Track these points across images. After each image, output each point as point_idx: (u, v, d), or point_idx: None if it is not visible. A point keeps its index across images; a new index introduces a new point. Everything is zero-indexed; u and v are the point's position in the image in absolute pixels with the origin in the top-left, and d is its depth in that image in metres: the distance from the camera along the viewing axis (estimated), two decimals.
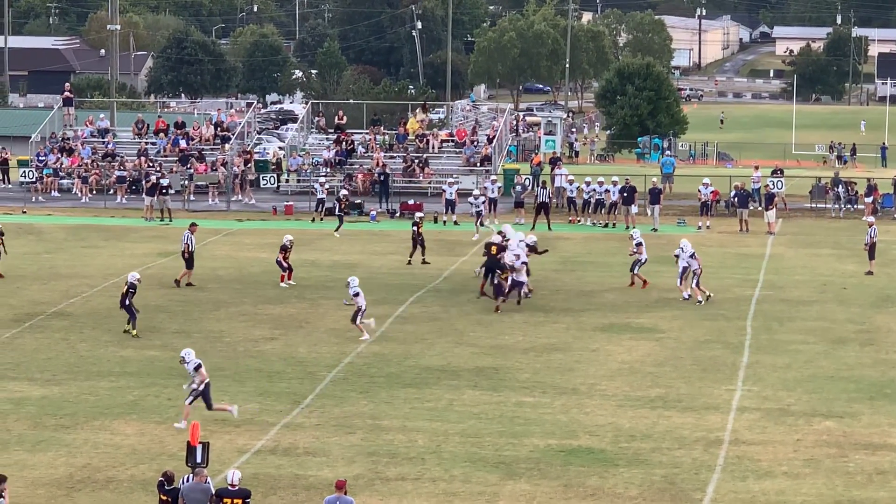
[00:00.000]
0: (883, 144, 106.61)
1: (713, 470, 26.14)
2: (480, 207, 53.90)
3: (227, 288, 43.37)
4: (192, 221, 46.31)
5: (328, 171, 64.79)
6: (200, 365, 28.68)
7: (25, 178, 65.96)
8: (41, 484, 25.22)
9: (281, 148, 76.11)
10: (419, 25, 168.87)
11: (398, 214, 59.75)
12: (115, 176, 64.32)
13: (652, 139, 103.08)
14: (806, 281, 44.97)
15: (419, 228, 47.35)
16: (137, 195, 61.85)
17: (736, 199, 56.82)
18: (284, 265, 43.52)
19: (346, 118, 70.13)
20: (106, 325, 37.22)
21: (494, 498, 24.70)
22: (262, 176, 66.61)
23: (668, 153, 79.44)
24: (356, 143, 67.44)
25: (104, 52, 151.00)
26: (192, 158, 65.37)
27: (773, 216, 55.22)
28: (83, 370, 33.27)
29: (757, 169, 64.04)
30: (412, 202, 60.22)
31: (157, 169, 62.75)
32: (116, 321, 37.07)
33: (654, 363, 34.11)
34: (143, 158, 65.78)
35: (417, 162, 65.21)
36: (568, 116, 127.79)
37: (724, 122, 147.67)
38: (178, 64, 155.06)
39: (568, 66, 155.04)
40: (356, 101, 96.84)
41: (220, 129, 68.76)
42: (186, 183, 62.89)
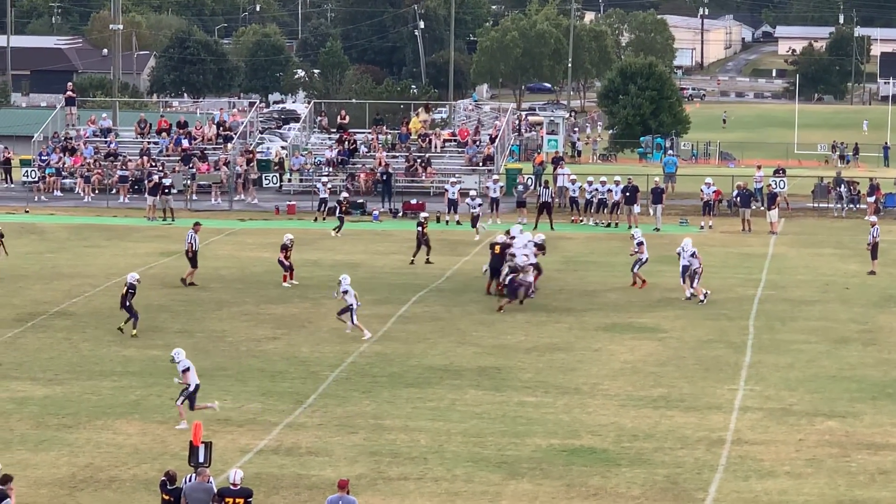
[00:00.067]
0: (885, 144, 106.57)
1: (716, 470, 26.14)
2: (477, 209, 53.87)
3: (229, 287, 43.38)
4: (196, 221, 46.35)
5: (330, 170, 64.79)
6: (189, 368, 28.67)
7: (28, 177, 66.02)
8: (44, 483, 25.24)
9: (283, 147, 76.04)
10: (422, 25, 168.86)
11: (400, 214, 59.75)
12: (117, 175, 64.34)
13: (654, 139, 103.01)
14: (808, 281, 44.96)
15: (424, 228, 47.31)
16: (140, 195, 61.86)
17: (738, 198, 56.78)
18: (286, 264, 43.54)
19: (348, 118, 70.11)
20: (108, 324, 37.23)
21: (497, 497, 24.70)
22: (264, 175, 66.61)
23: (670, 153, 79.38)
24: (358, 142, 67.42)
25: (107, 51, 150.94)
26: (194, 158, 65.38)
27: (775, 216, 55.20)
28: (86, 370, 33.29)
29: (759, 168, 64.01)
30: (415, 202, 60.22)
31: (159, 168, 62.76)
32: (119, 321, 37.06)
33: (656, 363, 34.11)
34: (145, 158, 65.80)
35: (420, 161, 65.20)
36: (570, 116, 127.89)
37: (726, 121, 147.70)
38: (180, 63, 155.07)
39: (570, 65, 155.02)
40: (359, 100, 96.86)
41: (222, 128, 68.78)
42: (189, 182, 62.90)
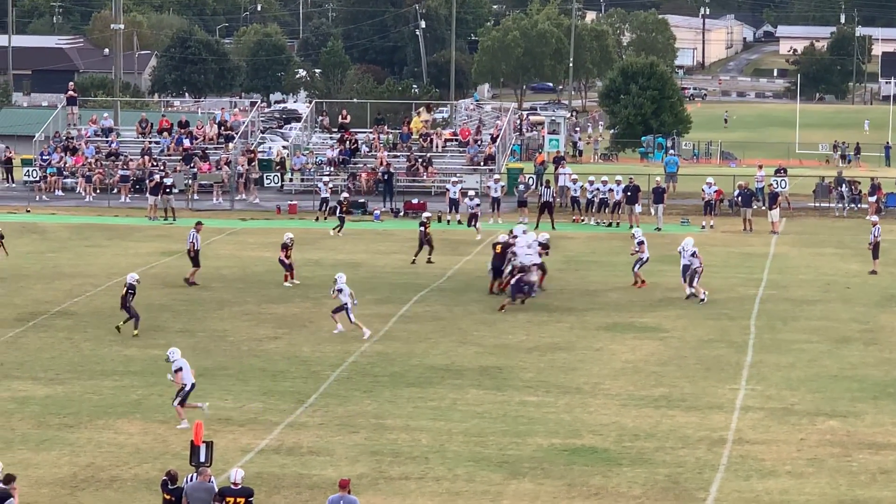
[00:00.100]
0: (887, 144, 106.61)
1: (717, 469, 26.13)
2: (475, 209, 53.86)
3: (230, 287, 43.39)
4: (197, 220, 46.37)
5: (332, 170, 64.80)
6: (182, 368, 28.69)
7: (29, 177, 66.06)
8: (45, 483, 25.25)
9: (285, 147, 76.09)
10: (423, 24, 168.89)
11: (402, 214, 59.77)
12: (118, 175, 64.35)
13: (655, 138, 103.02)
14: (809, 280, 44.95)
15: (426, 228, 47.27)
16: (141, 194, 61.88)
17: (739, 198, 56.76)
18: (286, 263, 43.56)
19: (349, 117, 70.12)
20: (110, 324, 37.23)
21: (498, 497, 24.70)
22: (265, 175, 66.60)
23: (671, 152, 79.41)
24: (360, 142, 67.44)
25: (108, 51, 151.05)
26: (195, 157, 65.38)
27: (776, 215, 55.20)
28: (87, 369, 33.29)
29: (760, 168, 64.01)
30: (416, 201, 60.24)
31: (160, 168, 62.75)
32: (119, 321, 37.04)
33: (657, 362, 34.10)
34: (146, 157, 65.81)
35: (421, 161, 65.21)
36: (571, 115, 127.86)
37: (728, 121, 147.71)
38: (181, 63, 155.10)
39: (571, 65, 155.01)
40: (360, 100, 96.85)
41: (223, 128, 68.78)
42: (190, 182, 62.91)
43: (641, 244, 43.05)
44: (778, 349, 35.41)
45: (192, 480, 22.17)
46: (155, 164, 64.57)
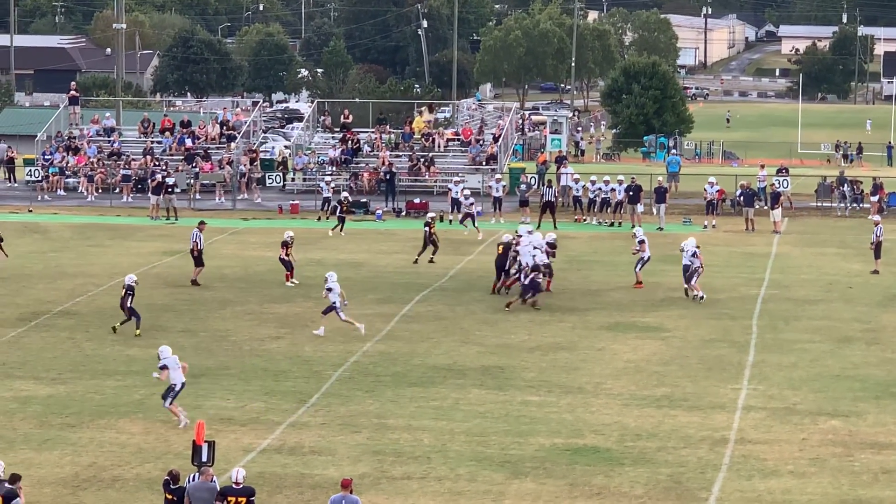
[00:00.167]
0: (889, 143, 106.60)
1: (719, 469, 26.13)
2: (471, 209, 53.83)
3: (232, 287, 43.39)
4: (200, 220, 46.38)
5: (334, 169, 64.80)
6: (167, 366, 28.68)
7: (31, 176, 66.07)
8: (47, 483, 25.25)
9: (287, 147, 76.11)
10: (425, 24, 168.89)
11: (404, 213, 59.79)
12: (120, 175, 64.38)
13: (658, 138, 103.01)
14: (812, 280, 44.94)
15: (431, 228, 47.22)
16: (143, 194, 61.94)
17: (742, 197, 56.77)
18: (286, 261, 43.54)
19: (351, 117, 70.11)
20: (111, 323, 37.20)
21: (500, 497, 24.70)
22: (267, 175, 66.60)
23: (673, 152, 79.36)
24: (362, 141, 67.44)
25: (110, 50, 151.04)
26: (197, 157, 65.40)
27: (778, 215, 55.20)
28: (89, 369, 33.30)
29: (762, 168, 64.00)
30: (418, 201, 60.26)
31: (162, 168, 62.74)
32: (121, 321, 37.05)
33: (659, 362, 34.10)
34: (148, 157, 65.83)
35: (423, 161, 65.20)
36: (573, 115, 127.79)
37: (730, 120, 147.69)
38: (183, 63, 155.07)
39: (573, 64, 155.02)
40: (362, 99, 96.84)
41: (225, 127, 68.80)
42: (192, 182, 62.94)
43: (642, 243, 43.04)
44: (780, 349, 35.40)
45: (194, 480, 22.17)
46: (157, 163, 64.57)
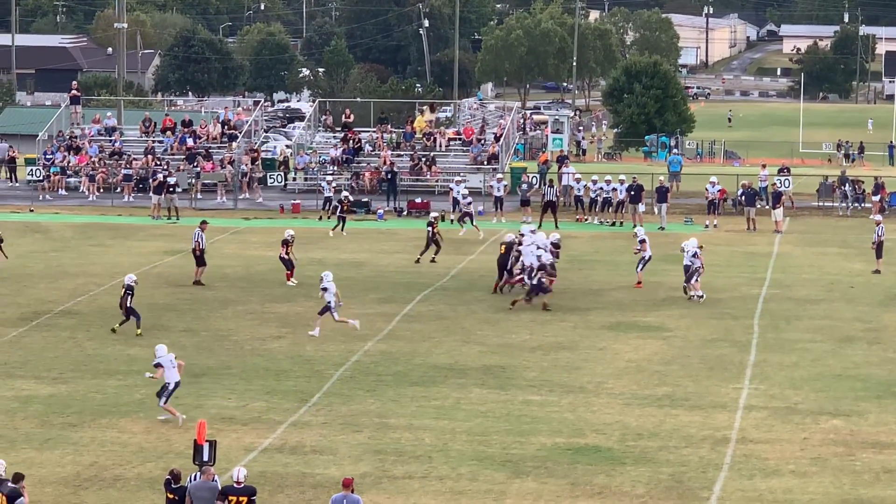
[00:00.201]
0: (890, 143, 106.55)
1: (720, 468, 26.12)
2: (469, 208, 53.80)
3: (234, 286, 43.39)
4: (202, 219, 46.36)
5: (335, 169, 64.80)
6: (161, 364, 28.70)
7: (33, 176, 66.06)
8: (48, 482, 25.25)
9: (288, 146, 76.12)
10: (426, 24, 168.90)
11: (405, 213, 59.78)
12: (122, 174, 64.38)
13: (659, 137, 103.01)
14: (813, 279, 44.93)
15: (434, 228, 47.20)
16: (144, 193, 61.94)
17: (743, 197, 56.77)
18: (286, 259, 43.53)
19: (353, 116, 70.11)
20: (113, 323, 37.20)
21: (501, 496, 24.69)
22: (269, 174, 66.60)
23: (675, 151, 79.49)
24: (363, 141, 67.43)
25: (111, 50, 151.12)
26: (199, 157, 65.39)
27: (780, 214, 55.19)
28: (90, 368, 33.30)
29: (764, 167, 64.00)
30: (419, 200, 60.26)
31: (164, 167, 62.73)
32: (121, 322, 37.05)
33: (661, 361, 34.09)
34: (150, 157, 65.83)
35: (425, 160, 65.19)
36: (575, 115, 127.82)
37: (731, 120, 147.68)
38: (185, 62, 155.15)
39: (575, 64, 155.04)
40: (363, 99, 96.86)
41: (227, 127, 68.81)
42: (193, 181, 62.93)
43: (643, 242, 43.04)
44: (781, 348, 35.40)
45: (195, 479, 22.17)
46: (158, 163, 64.57)
